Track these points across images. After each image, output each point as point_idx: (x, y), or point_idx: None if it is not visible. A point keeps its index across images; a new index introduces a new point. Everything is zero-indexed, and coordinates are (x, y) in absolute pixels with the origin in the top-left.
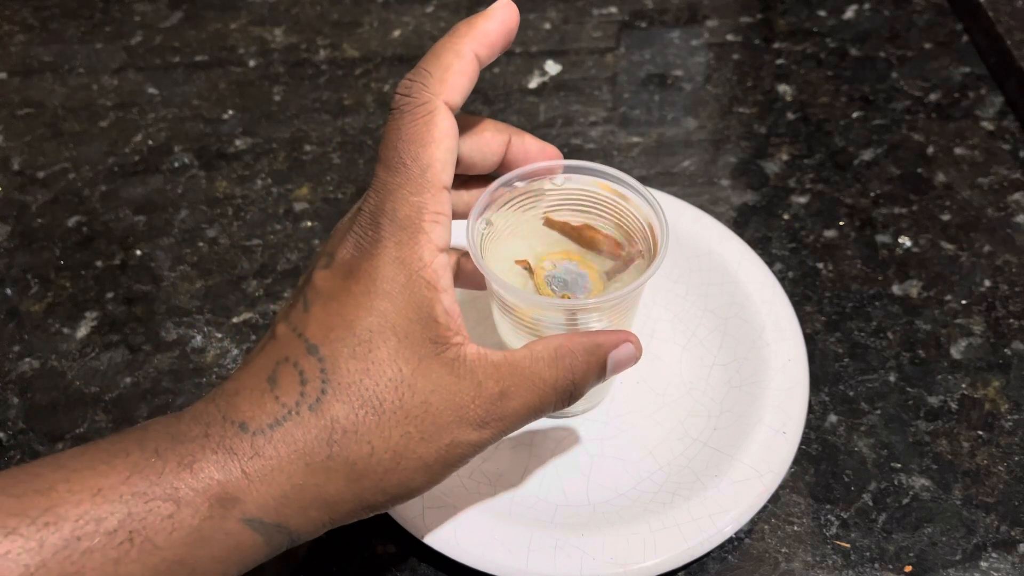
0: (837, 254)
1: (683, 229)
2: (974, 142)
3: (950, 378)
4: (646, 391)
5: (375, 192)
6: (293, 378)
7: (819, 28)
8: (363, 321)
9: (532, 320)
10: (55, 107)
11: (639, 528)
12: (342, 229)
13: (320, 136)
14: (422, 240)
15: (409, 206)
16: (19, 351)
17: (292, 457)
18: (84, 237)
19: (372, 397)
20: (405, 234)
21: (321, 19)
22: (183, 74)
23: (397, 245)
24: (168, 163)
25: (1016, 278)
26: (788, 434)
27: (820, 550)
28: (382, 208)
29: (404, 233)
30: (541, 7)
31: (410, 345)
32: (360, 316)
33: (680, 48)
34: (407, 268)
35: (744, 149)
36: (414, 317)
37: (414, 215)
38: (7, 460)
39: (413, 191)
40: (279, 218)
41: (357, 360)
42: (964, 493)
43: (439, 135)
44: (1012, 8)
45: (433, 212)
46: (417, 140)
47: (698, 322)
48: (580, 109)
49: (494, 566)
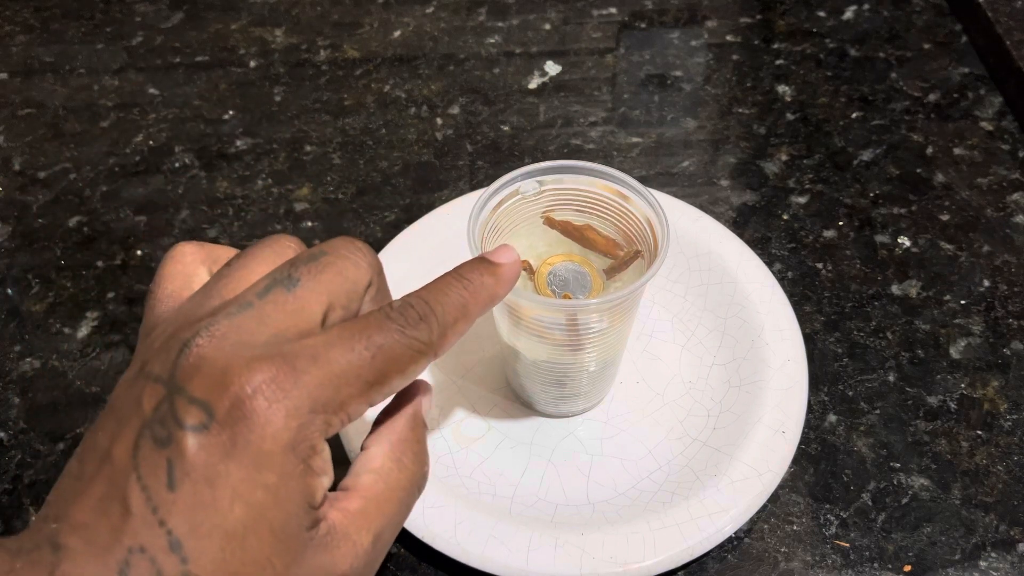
0: (836, 254)
1: (683, 229)
2: (973, 142)
3: (949, 378)
4: (646, 391)
5: None
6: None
7: (818, 29)
8: (237, 514)
9: (532, 320)
10: (56, 107)
11: (639, 527)
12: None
13: (320, 136)
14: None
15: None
16: (20, 351)
17: None
18: (85, 237)
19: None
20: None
21: (321, 20)
22: (184, 74)
23: (295, 428)
24: (169, 163)
25: (1015, 278)
26: (787, 434)
27: (819, 549)
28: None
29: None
30: (541, 7)
31: (285, 539)
32: (235, 509)
33: (680, 49)
34: (297, 453)
35: (743, 149)
36: (293, 510)
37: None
38: (8, 460)
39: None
40: (279, 218)
41: (226, 562)
42: (963, 493)
43: (411, 375)
44: (1011, 8)
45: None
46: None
47: (697, 322)
48: (580, 109)
49: (494, 566)
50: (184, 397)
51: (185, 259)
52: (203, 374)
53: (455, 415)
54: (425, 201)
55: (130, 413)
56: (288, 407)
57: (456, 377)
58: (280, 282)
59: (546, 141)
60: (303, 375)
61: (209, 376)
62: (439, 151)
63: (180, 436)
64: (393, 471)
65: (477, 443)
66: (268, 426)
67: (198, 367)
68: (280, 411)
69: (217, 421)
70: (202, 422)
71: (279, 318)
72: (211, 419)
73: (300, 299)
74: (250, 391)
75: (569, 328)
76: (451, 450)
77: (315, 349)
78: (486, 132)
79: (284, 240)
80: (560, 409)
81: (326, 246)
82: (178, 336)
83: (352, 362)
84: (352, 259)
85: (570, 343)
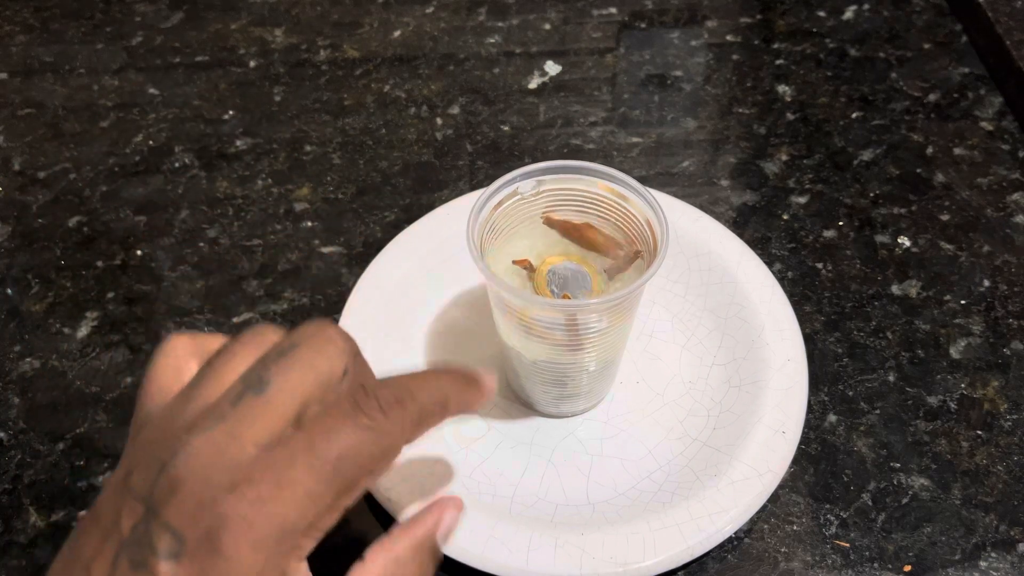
0: (836, 254)
1: (683, 229)
2: (973, 142)
3: (949, 378)
4: (646, 391)
5: None
6: None
7: (818, 28)
8: None
9: (532, 320)
10: (56, 107)
11: (639, 527)
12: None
13: (320, 136)
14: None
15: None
16: (20, 351)
17: None
18: (85, 237)
19: None
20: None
21: (321, 20)
22: (184, 74)
23: (262, 561)
24: (169, 163)
25: (1015, 278)
26: (787, 434)
27: (819, 549)
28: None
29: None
30: (541, 7)
31: None
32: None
33: (680, 49)
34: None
35: (743, 149)
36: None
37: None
38: (8, 460)
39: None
40: (279, 218)
41: None
42: (963, 493)
43: (381, 471)
44: (1011, 8)
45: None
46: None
47: (697, 322)
48: (580, 109)
49: (494, 566)
50: (159, 523)
51: (177, 352)
52: (177, 500)
53: None
54: (425, 201)
55: (111, 528)
56: (254, 540)
57: None
58: (251, 387)
59: (546, 141)
60: (268, 504)
61: (182, 503)
62: (439, 151)
63: (153, 563)
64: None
65: (477, 443)
66: (234, 561)
67: (173, 491)
68: (246, 545)
69: (187, 553)
70: (173, 551)
71: (251, 427)
72: (182, 549)
73: (271, 403)
74: (218, 525)
75: (569, 328)
76: (451, 450)
77: (278, 471)
78: (486, 132)
79: (264, 333)
80: (560, 409)
81: (296, 336)
82: (157, 453)
83: (316, 481)
84: (324, 351)
85: (570, 343)
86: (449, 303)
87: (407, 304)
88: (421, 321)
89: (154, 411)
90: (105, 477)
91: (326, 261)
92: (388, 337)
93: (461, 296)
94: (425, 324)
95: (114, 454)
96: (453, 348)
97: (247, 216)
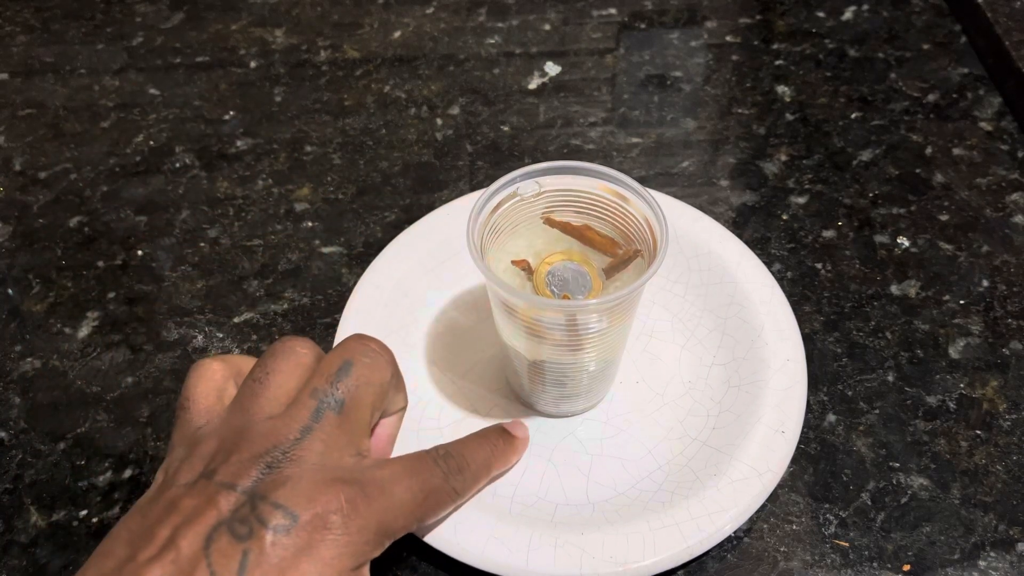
0: (836, 254)
1: (682, 229)
2: (972, 143)
3: (948, 378)
4: (645, 390)
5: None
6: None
7: (818, 29)
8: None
9: (532, 320)
10: (57, 108)
11: (639, 527)
12: (309, 477)
13: (321, 137)
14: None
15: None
16: (21, 351)
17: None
18: (85, 237)
19: None
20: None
21: (322, 20)
22: (184, 75)
23: (361, 543)
24: (169, 163)
25: (1014, 278)
26: (787, 433)
27: (819, 549)
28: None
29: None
30: (541, 8)
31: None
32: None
33: (679, 49)
34: (355, 562)
35: (743, 150)
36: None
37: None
38: (9, 460)
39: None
40: (280, 218)
41: None
42: (962, 492)
43: (444, 514)
44: (1010, 9)
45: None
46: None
47: (697, 322)
48: (580, 110)
49: (494, 565)
50: (268, 503)
51: (215, 376)
52: (289, 488)
53: (455, 415)
54: (425, 201)
55: (198, 512)
56: (360, 525)
57: (456, 377)
58: (328, 405)
59: (546, 141)
60: (374, 502)
61: (296, 491)
62: (439, 151)
63: (261, 532)
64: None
65: None
66: (343, 537)
67: (284, 483)
68: (354, 527)
69: (299, 525)
70: (285, 524)
71: (338, 439)
72: (294, 523)
73: (351, 419)
74: (333, 507)
75: (569, 328)
76: None
77: (382, 482)
78: (486, 132)
79: (297, 347)
80: (560, 409)
81: (347, 352)
82: (256, 457)
83: (409, 499)
84: (376, 364)
85: (570, 343)
86: (449, 303)
87: (407, 304)
88: (421, 321)
89: (208, 427)
90: (105, 477)
91: (326, 261)
92: (388, 337)
93: (461, 296)
94: (425, 324)
95: (115, 454)
96: (453, 348)
97: (247, 216)
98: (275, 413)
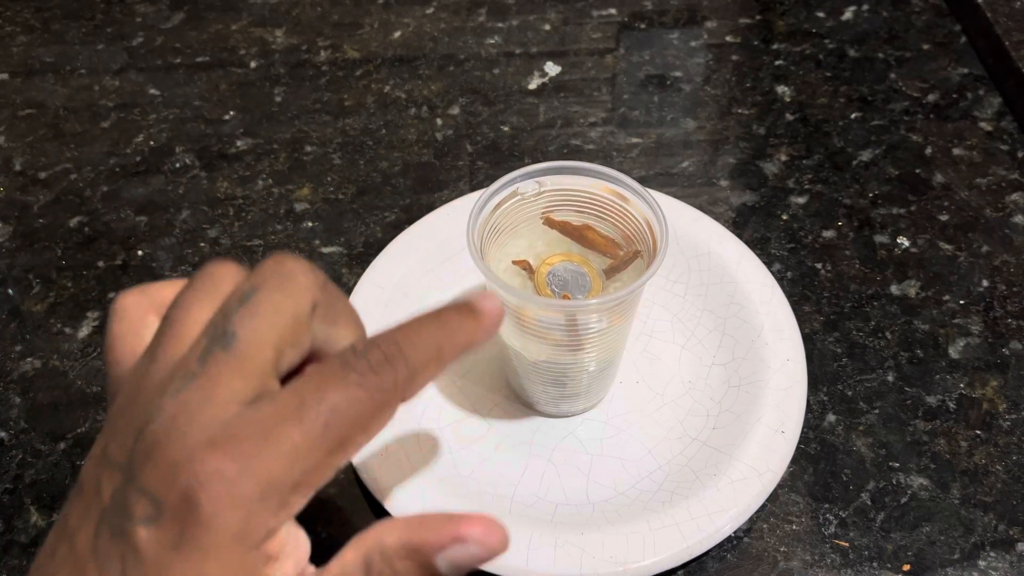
0: (836, 254)
1: (682, 229)
2: (972, 143)
3: (948, 378)
4: (645, 390)
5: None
6: None
7: (818, 29)
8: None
9: (532, 320)
10: (57, 108)
11: (638, 527)
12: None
13: (321, 137)
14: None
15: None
16: (21, 351)
17: None
18: (86, 237)
19: None
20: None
21: (322, 20)
22: (184, 75)
23: (241, 518)
24: (169, 164)
25: (1014, 278)
26: (787, 433)
27: (819, 549)
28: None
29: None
30: (541, 8)
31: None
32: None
33: (679, 49)
34: (247, 543)
35: (743, 150)
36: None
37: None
38: (9, 460)
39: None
40: (280, 218)
41: None
42: (962, 492)
43: (376, 429)
44: (1010, 9)
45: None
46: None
47: (697, 322)
48: (579, 110)
49: (494, 565)
50: (135, 488)
51: (129, 314)
52: (153, 463)
53: (455, 415)
54: (425, 201)
55: (92, 499)
56: (235, 497)
57: (456, 377)
58: (217, 340)
59: (546, 141)
60: (251, 460)
61: (159, 467)
62: (439, 151)
63: (131, 530)
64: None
65: (477, 443)
66: (214, 519)
67: (149, 455)
68: (226, 503)
69: (165, 515)
70: (150, 515)
71: (224, 384)
72: (159, 513)
73: (241, 356)
74: (196, 484)
75: (568, 328)
76: (451, 450)
77: (263, 425)
78: (486, 132)
79: (220, 270)
80: (560, 409)
81: (256, 277)
82: (131, 420)
83: (304, 435)
84: (287, 290)
85: (570, 343)
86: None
87: (407, 304)
88: None
89: (122, 377)
90: None
91: (326, 261)
92: None
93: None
94: None
95: None
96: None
97: (248, 216)
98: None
